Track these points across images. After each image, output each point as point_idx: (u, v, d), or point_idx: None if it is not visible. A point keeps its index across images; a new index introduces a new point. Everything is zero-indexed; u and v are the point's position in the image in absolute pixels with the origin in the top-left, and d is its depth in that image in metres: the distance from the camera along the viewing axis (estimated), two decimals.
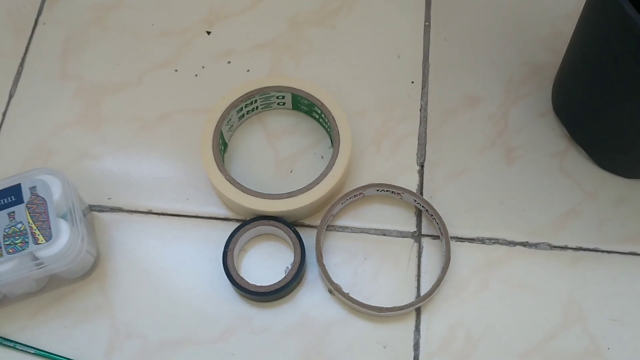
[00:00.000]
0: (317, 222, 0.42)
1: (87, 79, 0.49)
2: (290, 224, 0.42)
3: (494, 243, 0.43)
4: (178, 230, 0.44)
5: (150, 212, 0.44)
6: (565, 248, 0.43)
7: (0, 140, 0.47)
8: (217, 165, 0.43)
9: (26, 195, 0.39)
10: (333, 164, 0.42)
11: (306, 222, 0.44)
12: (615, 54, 0.36)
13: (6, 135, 0.47)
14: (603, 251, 0.43)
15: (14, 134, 0.47)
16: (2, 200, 0.39)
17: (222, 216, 0.44)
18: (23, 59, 0.50)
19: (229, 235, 0.42)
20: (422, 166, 0.45)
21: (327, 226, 0.43)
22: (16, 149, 0.46)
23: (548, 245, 0.43)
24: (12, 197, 0.39)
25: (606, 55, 0.37)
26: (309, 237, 0.42)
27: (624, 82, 0.37)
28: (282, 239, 0.43)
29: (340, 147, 0.43)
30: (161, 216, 0.44)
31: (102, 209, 0.45)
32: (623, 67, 0.36)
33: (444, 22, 0.50)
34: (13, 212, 0.38)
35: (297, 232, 0.42)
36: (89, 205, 0.44)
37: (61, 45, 0.50)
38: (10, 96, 0.49)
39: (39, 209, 0.38)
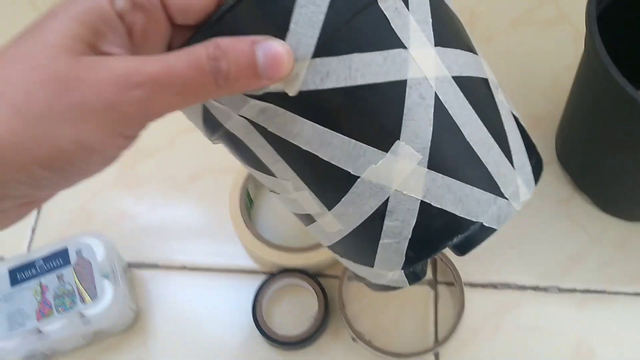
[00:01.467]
0: (339, 273, 0.46)
1: None
2: (314, 276, 0.45)
3: (505, 287, 0.46)
4: (210, 283, 0.47)
5: (184, 268, 0.48)
6: (573, 291, 0.45)
7: (46, 205, 0.51)
8: (245, 222, 0.46)
9: (73, 258, 0.43)
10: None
11: (329, 272, 0.47)
12: (608, 113, 0.39)
13: (51, 200, 0.51)
14: (610, 292, 0.45)
15: (57, 199, 0.51)
16: (52, 263, 0.43)
17: (251, 269, 0.48)
18: None
19: (257, 287, 0.45)
20: None
21: (348, 276, 0.46)
22: (60, 212, 0.51)
23: (557, 288, 0.45)
24: (60, 260, 0.43)
25: (600, 112, 0.40)
26: (332, 287, 0.45)
27: (619, 136, 0.40)
28: (307, 290, 0.46)
29: None
30: (194, 271, 0.48)
31: (139, 266, 0.48)
32: (618, 121, 0.39)
33: None
34: (62, 274, 0.42)
35: (321, 283, 0.45)
36: (128, 263, 0.48)
37: None
38: None
39: (85, 270, 0.42)
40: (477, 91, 0.27)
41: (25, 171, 0.21)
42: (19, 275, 0.42)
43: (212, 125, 0.27)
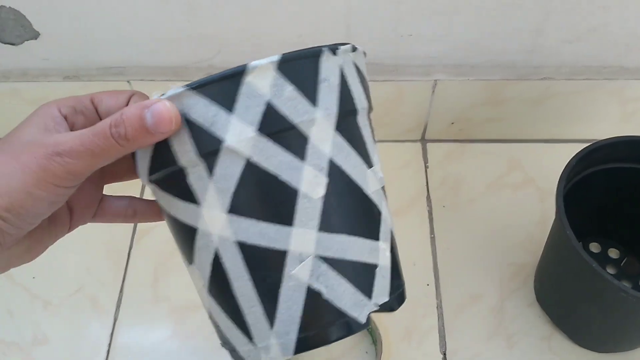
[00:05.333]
0: None
1: (175, 300, 0.63)
2: None
3: None
4: None
5: None
6: None
7: (111, 356, 0.59)
8: None
9: None
10: None
11: None
12: (575, 274, 0.51)
13: (114, 352, 0.60)
14: None
15: (121, 350, 0.60)
16: None
17: None
18: (122, 287, 0.64)
19: None
20: (444, 354, 0.58)
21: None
22: None
23: None
24: None
25: (569, 272, 0.52)
26: None
27: (587, 293, 0.51)
28: None
29: (383, 347, 0.56)
30: None
31: None
32: (584, 283, 0.51)
33: (444, 233, 0.66)
34: None
35: None
36: None
37: (152, 272, 0.65)
38: (115, 319, 0.62)
39: None
40: (256, 257, 0.32)
41: None
42: None
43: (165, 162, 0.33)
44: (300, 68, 0.32)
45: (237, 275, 0.32)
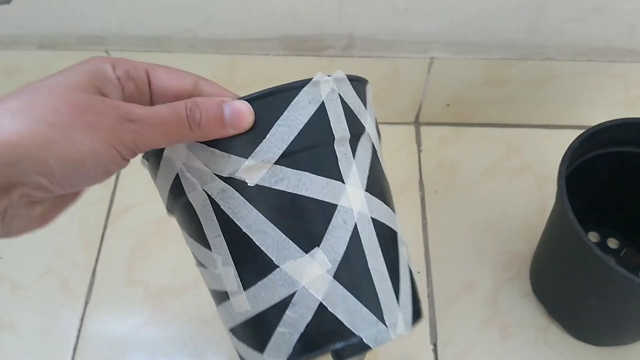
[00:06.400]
0: None
1: (151, 284, 0.59)
2: None
3: None
4: None
5: None
6: None
7: (81, 341, 0.56)
8: None
9: None
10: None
11: None
12: (575, 262, 0.48)
13: (85, 340, 0.56)
14: None
15: (91, 338, 0.56)
16: None
17: None
18: (94, 269, 0.60)
19: None
20: (435, 345, 0.55)
21: None
22: (95, 350, 0.55)
23: None
24: None
25: (569, 260, 0.49)
26: None
27: (587, 281, 0.49)
28: None
29: None
30: None
31: None
32: (584, 271, 0.48)
33: (437, 220, 0.63)
34: None
35: None
36: None
37: (127, 255, 0.61)
38: (86, 303, 0.58)
39: None
40: (386, 236, 0.35)
41: (43, 165, 0.27)
42: None
43: (176, 194, 0.34)
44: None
45: (372, 251, 0.34)
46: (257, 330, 0.34)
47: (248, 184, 0.31)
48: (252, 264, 0.32)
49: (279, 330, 0.33)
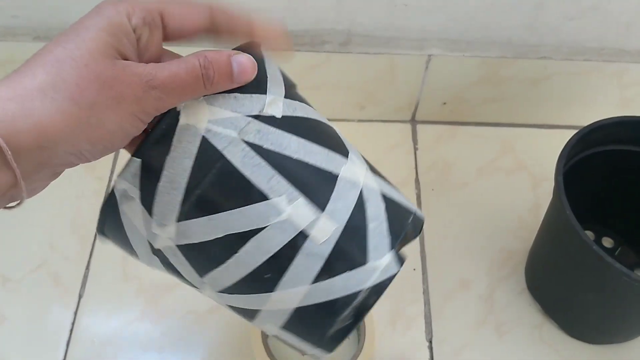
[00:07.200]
0: None
1: (146, 279, 0.59)
2: None
3: None
4: None
5: None
6: None
7: (74, 335, 0.55)
8: (267, 352, 0.51)
9: None
10: (362, 347, 0.52)
11: None
12: (572, 260, 0.48)
13: (78, 334, 0.55)
14: None
15: (84, 332, 0.55)
16: None
17: None
18: (88, 263, 0.60)
19: None
20: (430, 342, 0.55)
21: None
22: (87, 344, 0.54)
23: None
24: None
25: (566, 258, 0.49)
26: None
27: (583, 277, 0.49)
28: None
29: (366, 332, 0.52)
30: None
31: None
32: (581, 267, 0.48)
33: (433, 218, 0.63)
34: None
35: None
36: None
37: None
38: (80, 296, 0.58)
39: None
40: None
41: (75, 146, 0.27)
42: None
43: (207, 161, 0.31)
44: None
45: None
46: (353, 240, 0.33)
47: (277, 117, 0.32)
48: (316, 184, 0.32)
49: (371, 228, 0.33)
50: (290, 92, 0.34)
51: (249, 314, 0.34)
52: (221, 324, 0.56)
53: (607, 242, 0.61)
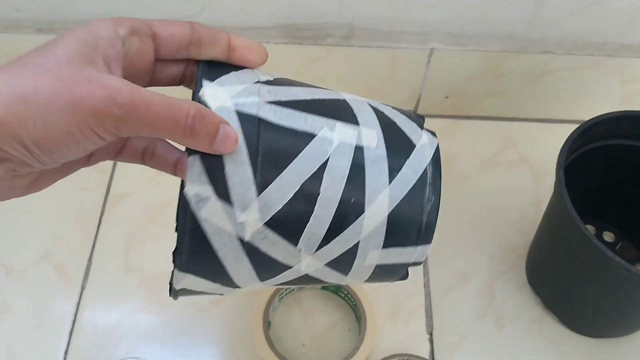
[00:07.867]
0: None
1: (148, 271, 0.59)
2: None
3: None
4: None
5: None
6: None
7: (77, 326, 0.55)
8: (268, 344, 0.52)
9: None
10: (363, 339, 0.52)
11: None
12: (573, 254, 0.48)
13: (80, 325, 0.56)
14: None
15: (87, 323, 0.56)
16: None
17: None
18: (91, 255, 0.60)
19: None
20: (431, 334, 0.56)
21: None
22: (90, 335, 0.55)
23: None
24: None
25: (567, 252, 0.50)
26: None
27: (583, 271, 0.49)
28: None
29: (367, 324, 0.53)
30: None
31: None
32: (581, 261, 0.48)
33: None
34: None
35: None
36: None
37: (123, 241, 0.61)
38: (83, 288, 0.58)
39: None
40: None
41: (20, 143, 0.27)
42: None
43: (252, 126, 0.32)
44: None
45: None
46: (395, 135, 0.35)
47: (271, 80, 0.34)
48: (337, 110, 0.34)
49: (398, 121, 0.36)
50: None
51: (349, 256, 0.34)
52: (223, 315, 0.56)
53: (608, 236, 0.61)
